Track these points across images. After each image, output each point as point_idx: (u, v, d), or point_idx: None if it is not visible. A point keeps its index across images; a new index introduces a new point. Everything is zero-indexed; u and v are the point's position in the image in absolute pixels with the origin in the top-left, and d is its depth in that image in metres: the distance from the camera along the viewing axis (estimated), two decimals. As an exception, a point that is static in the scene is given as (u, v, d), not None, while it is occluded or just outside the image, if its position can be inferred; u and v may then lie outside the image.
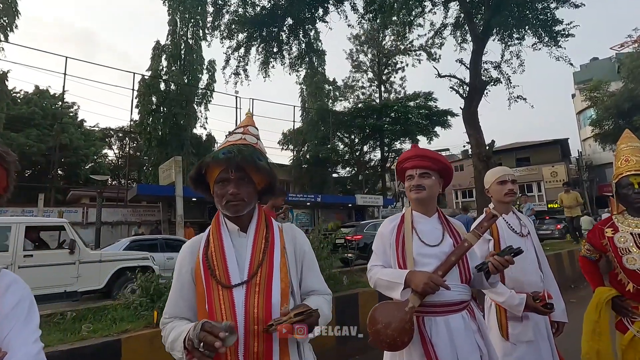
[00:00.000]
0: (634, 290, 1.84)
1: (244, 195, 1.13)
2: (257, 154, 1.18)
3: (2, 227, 5.60)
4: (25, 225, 5.65)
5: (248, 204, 1.16)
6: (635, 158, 1.98)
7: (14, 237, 5.43)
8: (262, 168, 1.16)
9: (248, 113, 1.42)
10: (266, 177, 1.20)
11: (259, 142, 1.28)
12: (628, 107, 18.07)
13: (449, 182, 1.82)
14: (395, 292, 1.60)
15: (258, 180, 1.19)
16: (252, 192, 1.17)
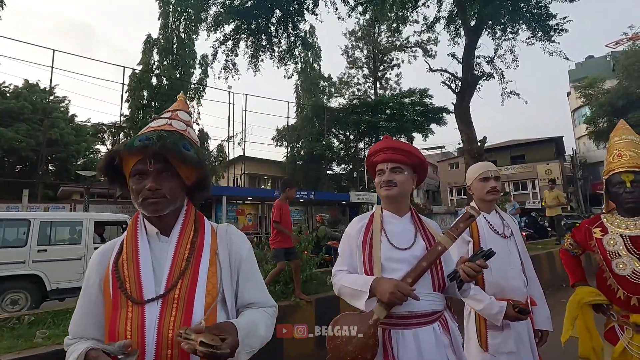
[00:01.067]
0: (624, 297, 1.68)
1: (165, 191, 0.95)
2: (184, 143, 1.00)
3: (75, 221, 6.23)
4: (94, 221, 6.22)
5: (171, 202, 0.97)
6: (629, 153, 1.81)
7: (86, 231, 5.99)
8: (189, 159, 0.98)
9: (180, 96, 1.23)
10: (195, 171, 1.01)
11: (190, 129, 1.10)
12: (622, 104, 18.00)
13: (423, 178, 1.65)
14: (360, 301, 1.44)
15: (186, 173, 1.00)
16: (177, 187, 0.99)
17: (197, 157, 1.00)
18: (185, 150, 0.96)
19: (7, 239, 5.76)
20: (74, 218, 6.70)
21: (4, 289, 5.36)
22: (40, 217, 5.96)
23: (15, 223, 5.96)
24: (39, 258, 5.65)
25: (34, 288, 5.56)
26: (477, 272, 1.31)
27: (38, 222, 5.78)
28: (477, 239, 1.93)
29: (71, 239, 6.14)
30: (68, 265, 5.65)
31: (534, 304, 1.92)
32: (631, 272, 1.65)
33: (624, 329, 1.68)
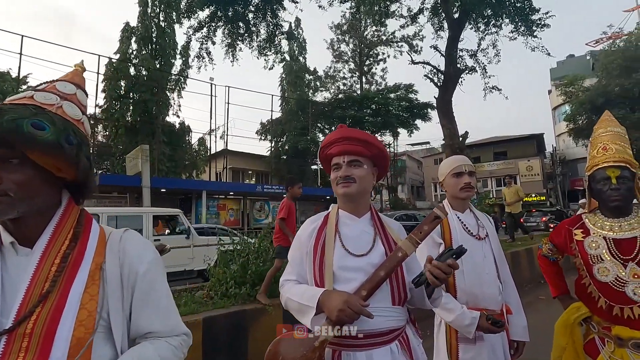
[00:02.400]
0: (606, 307, 1.51)
1: (6, 186, 0.69)
2: (37, 120, 0.70)
3: (136, 215, 6.95)
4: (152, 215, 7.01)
5: (19, 202, 0.70)
6: (615, 146, 1.63)
7: (146, 224, 6.72)
8: (40, 142, 0.69)
9: (77, 65, 0.96)
10: (62, 158, 0.73)
11: (67, 104, 0.82)
12: (602, 102, 18.33)
13: (384, 173, 1.44)
14: (306, 318, 1.22)
15: (48, 162, 0.72)
16: (31, 181, 0.72)
17: (55, 139, 0.71)
18: (35, 130, 0.69)
19: None
20: (135, 212, 7.50)
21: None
22: (107, 211, 6.73)
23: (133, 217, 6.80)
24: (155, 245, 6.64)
25: None
26: (446, 273, 1.11)
27: (106, 216, 6.47)
28: (449, 240, 1.74)
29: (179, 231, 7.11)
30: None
31: (510, 312, 1.75)
32: (614, 278, 1.48)
33: (604, 342, 1.52)
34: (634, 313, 1.42)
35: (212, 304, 3.16)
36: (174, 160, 19.62)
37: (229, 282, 3.37)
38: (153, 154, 16.92)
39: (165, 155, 18.62)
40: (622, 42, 21.27)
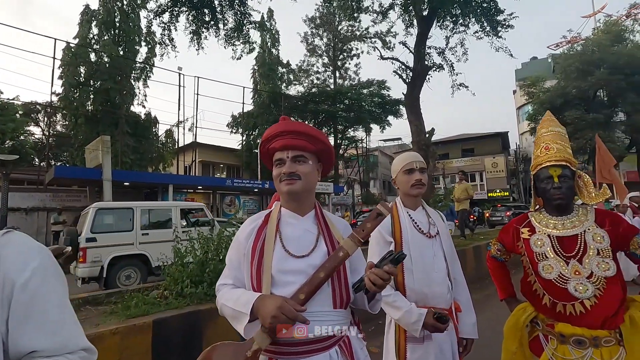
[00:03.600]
0: (550, 304, 1.53)
1: None
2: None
3: (165, 209, 7.57)
4: (180, 208, 7.64)
5: None
6: (557, 146, 1.65)
7: (175, 217, 7.27)
8: None
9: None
10: None
11: None
12: (560, 103, 19.33)
13: (329, 169, 1.37)
14: (240, 325, 1.14)
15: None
16: None
17: None
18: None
19: (118, 225, 6.83)
20: (165, 206, 8.02)
21: (120, 267, 6.53)
22: (140, 205, 7.13)
23: (123, 211, 7.05)
24: (143, 240, 6.79)
25: (142, 265, 6.71)
26: (384, 279, 1.06)
27: (139, 210, 6.97)
28: (399, 239, 1.70)
29: (165, 224, 7.22)
30: (166, 246, 6.02)
31: (459, 310, 1.75)
32: (557, 275, 1.50)
33: (548, 339, 1.54)
34: (575, 309, 1.44)
35: (166, 305, 3.00)
36: (139, 153, 18.77)
37: (184, 281, 3.22)
38: (116, 145, 16.09)
39: (130, 147, 17.77)
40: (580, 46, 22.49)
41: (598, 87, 18.71)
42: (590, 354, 1.38)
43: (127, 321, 2.61)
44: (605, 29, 21.65)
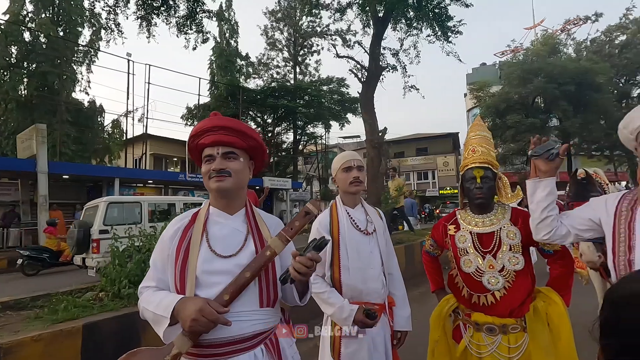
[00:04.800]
0: (467, 295, 1.66)
1: None
2: None
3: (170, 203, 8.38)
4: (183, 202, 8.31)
5: None
6: (481, 149, 1.78)
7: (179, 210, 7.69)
8: None
9: None
10: None
11: None
12: (503, 107, 20.84)
13: (261, 166, 1.37)
14: (160, 329, 1.11)
15: None
16: None
17: None
18: None
19: (127, 218, 7.35)
20: (169, 200, 8.80)
21: (131, 259, 6.68)
22: (147, 200, 7.94)
23: (131, 205, 7.75)
24: None
25: None
26: (308, 267, 1.07)
27: (147, 204, 7.64)
28: (336, 236, 1.75)
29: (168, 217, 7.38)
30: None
31: (393, 305, 1.83)
32: (475, 269, 1.63)
33: (466, 327, 1.67)
34: (487, 300, 1.57)
35: (100, 307, 2.82)
36: (82, 143, 17.38)
37: (122, 281, 3.05)
38: (54, 134, 14.74)
39: (70, 137, 16.37)
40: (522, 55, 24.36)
41: (536, 94, 20.40)
42: (499, 340, 1.52)
43: (54, 326, 2.42)
44: (543, 41, 23.66)
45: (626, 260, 1.17)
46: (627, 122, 1.28)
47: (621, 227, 1.20)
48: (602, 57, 22.78)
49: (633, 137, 1.25)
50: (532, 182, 1.39)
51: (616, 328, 0.46)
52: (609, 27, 25.31)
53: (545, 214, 1.35)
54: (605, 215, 1.26)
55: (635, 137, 1.25)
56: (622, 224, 1.21)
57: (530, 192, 1.40)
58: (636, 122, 1.23)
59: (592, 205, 1.34)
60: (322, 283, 1.70)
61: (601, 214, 1.27)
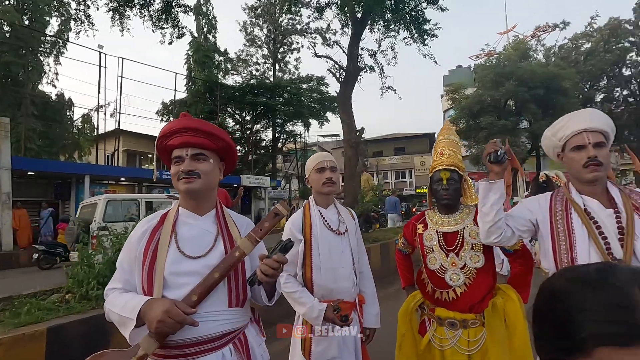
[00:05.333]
0: (431, 291, 1.74)
1: None
2: None
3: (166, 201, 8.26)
4: None
5: None
6: (449, 152, 1.87)
7: None
8: None
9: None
10: None
11: None
12: (477, 109, 21.52)
13: (232, 167, 1.38)
14: (126, 331, 1.10)
15: None
16: None
17: None
18: None
19: (125, 215, 7.52)
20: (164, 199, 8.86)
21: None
22: (144, 197, 8.37)
23: (129, 202, 8.09)
24: None
25: None
26: (274, 268, 1.10)
27: (144, 201, 7.96)
28: (309, 236, 1.78)
29: None
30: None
31: (363, 302, 1.89)
32: (439, 267, 1.71)
33: (430, 322, 1.75)
34: (449, 296, 1.65)
35: (66, 309, 2.73)
36: (49, 138, 16.57)
37: (90, 282, 2.96)
38: (18, 129, 13.99)
39: (36, 132, 15.58)
40: (495, 59, 25.21)
41: (508, 97, 21.16)
42: (460, 334, 1.60)
43: (15, 330, 2.33)
44: (514, 46, 24.56)
45: (569, 258, 1.27)
46: (557, 130, 1.38)
47: (559, 227, 1.30)
48: (568, 63, 23.92)
49: (561, 144, 1.36)
50: (487, 183, 1.43)
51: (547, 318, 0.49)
52: (575, 35, 26.61)
53: (498, 217, 1.41)
54: (541, 216, 1.36)
55: (562, 145, 1.36)
56: (559, 224, 1.31)
57: (484, 195, 1.43)
58: (567, 130, 1.34)
59: (528, 206, 1.43)
60: (293, 283, 1.73)
61: (537, 215, 1.37)
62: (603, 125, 1.31)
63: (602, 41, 24.55)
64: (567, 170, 1.40)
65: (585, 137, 1.29)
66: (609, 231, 1.24)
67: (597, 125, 1.30)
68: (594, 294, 0.45)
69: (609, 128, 1.32)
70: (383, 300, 3.97)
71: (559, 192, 1.40)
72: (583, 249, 1.26)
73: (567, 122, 1.35)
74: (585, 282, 0.47)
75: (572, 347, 0.44)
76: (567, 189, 1.39)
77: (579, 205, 1.31)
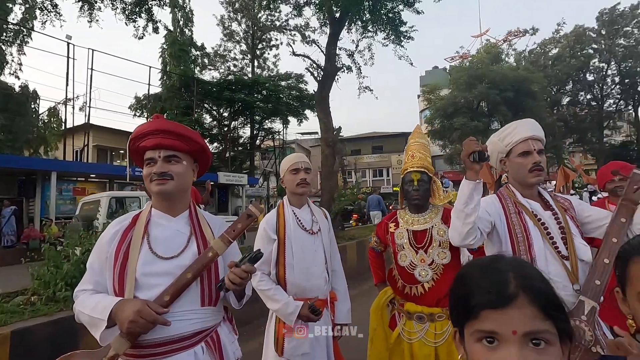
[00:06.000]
0: (401, 286, 1.82)
1: None
2: None
3: None
4: None
5: None
6: (419, 154, 1.96)
7: None
8: None
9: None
10: None
11: None
12: (451, 110, 22.21)
13: (206, 169, 1.39)
14: (97, 332, 1.10)
15: None
16: None
17: None
18: None
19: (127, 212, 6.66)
20: None
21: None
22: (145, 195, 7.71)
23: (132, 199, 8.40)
24: None
25: None
26: (242, 278, 1.12)
27: (145, 198, 8.01)
28: (282, 236, 1.81)
29: None
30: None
31: (335, 299, 1.94)
32: (409, 263, 1.80)
33: (400, 316, 1.83)
34: (418, 291, 1.74)
35: (32, 312, 2.63)
36: (12, 132, 15.68)
37: (58, 283, 2.86)
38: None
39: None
40: (468, 62, 26.01)
41: (480, 99, 21.94)
42: (427, 327, 1.70)
43: (-24, 335, 2.23)
44: (487, 50, 25.44)
45: (528, 258, 1.35)
46: (504, 136, 1.47)
47: (516, 228, 1.38)
48: (537, 68, 25.03)
49: (507, 149, 1.45)
50: (473, 183, 1.33)
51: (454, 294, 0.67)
52: (544, 41, 27.87)
53: (477, 218, 1.37)
54: (498, 218, 1.43)
55: (507, 151, 1.45)
56: (515, 225, 1.39)
57: (469, 195, 1.33)
58: (515, 137, 1.43)
59: (485, 208, 1.44)
60: (267, 281, 1.76)
61: (495, 216, 1.43)
62: (542, 135, 1.44)
63: (568, 47, 25.83)
64: (511, 175, 1.48)
65: (531, 144, 1.39)
66: (554, 231, 1.34)
67: (539, 135, 1.43)
68: (481, 274, 0.63)
69: (544, 137, 1.45)
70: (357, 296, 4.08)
71: (504, 194, 1.47)
72: (540, 248, 1.33)
73: (514, 129, 1.44)
74: (478, 267, 0.66)
75: (467, 313, 0.61)
76: (511, 192, 1.46)
77: (528, 207, 1.40)
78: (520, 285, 0.57)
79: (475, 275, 0.63)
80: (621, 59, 25.58)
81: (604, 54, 25.93)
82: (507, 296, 0.57)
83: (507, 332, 0.55)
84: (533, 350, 0.55)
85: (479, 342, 0.59)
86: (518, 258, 0.68)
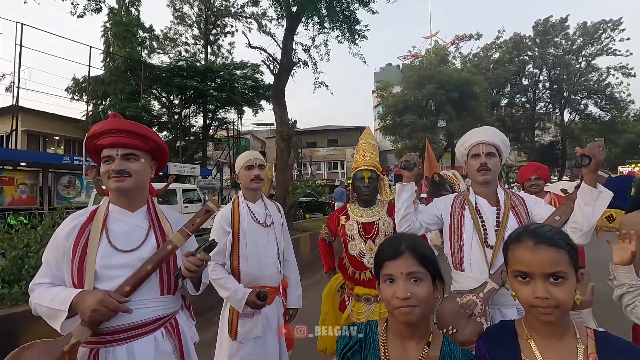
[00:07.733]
0: (352, 273, 2.02)
1: None
2: None
3: (194, 189, 12.72)
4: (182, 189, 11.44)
5: None
6: (370, 154, 2.16)
7: (179, 196, 10.96)
8: None
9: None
10: None
11: None
12: (401, 108, 23.24)
13: (163, 166, 1.45)
14: (57, 322, 1.14)
15: None
16: None
17: None
18: None
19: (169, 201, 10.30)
20: (193, 187, 13.00)
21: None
22: (180, 186, 11.31)
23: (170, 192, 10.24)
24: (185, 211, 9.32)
25: None
26: (197, 265, 1.21)
27: (180, 190, 10.97)
28: (237, 229, 1.91)
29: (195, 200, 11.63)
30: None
31: (287, 287, 2.08)
32: (359, 252, 2.00)
33: (350, 299, 2.04)
34: (367, 276, 1.96)
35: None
36: None
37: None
38: None
39: None
40: (419, 61, 27.28)
41: (428, 98, 23.18)
42: (373, 307, 1.92)
43: None
44: (435, 51, 26.85)
45: (458, 245, 1.59)
46: (464, 141, 1.72)
47: (454, 220, 1.63)
48: (480, 71, 26.96)
49: (467, 152, 1.70)
50: (400, 184, 1.73)
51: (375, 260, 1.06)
52: (487, 46, 30.04)
53: (408, 210, 1.71)
54: (444, 212, 1.68)
55: (467, 152, 1.69)
56: (455, 218, 1.64)
57: (398, 193, 1.72)
58: (470, 141, 1.68)
59: (437, 204, 1.77)
60: (220, 270, 1.86)
61: (442, 211, 1.69)
62: (496, 141, 1.66)
63: (507, 53, 28.10)
64: (468, 174, 1.74)
65: (481, 148, 1.62)
66: (489, 223, 1.58)
67: (491, 140, 1.65)
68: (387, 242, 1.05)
69: (502, 143, 1.68)
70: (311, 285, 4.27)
71: (461, 193, 1.73)
72: (468, 237, 1.58)
73: (470, 135, 1.69)
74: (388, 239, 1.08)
75: (379, 267, 0.99)
76: (467, 190, 1.72)
77: (472, 203, 1.64)
78: (406, 246, 0.96)
79: (384, 243, 1.05)
80: (551, 66, 28.45)
81: (537, 60, 28.63)
82: (398, 252, 0.95)
83: (397, 273, 0.92)
84: (413, 283, 0.92)
85: (385, 282, 0.95)
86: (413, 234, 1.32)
